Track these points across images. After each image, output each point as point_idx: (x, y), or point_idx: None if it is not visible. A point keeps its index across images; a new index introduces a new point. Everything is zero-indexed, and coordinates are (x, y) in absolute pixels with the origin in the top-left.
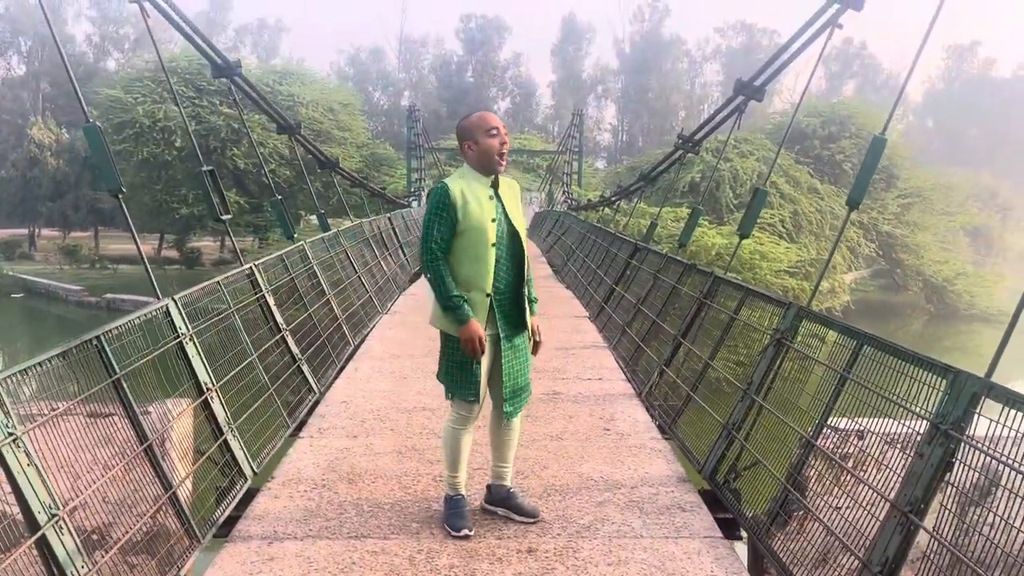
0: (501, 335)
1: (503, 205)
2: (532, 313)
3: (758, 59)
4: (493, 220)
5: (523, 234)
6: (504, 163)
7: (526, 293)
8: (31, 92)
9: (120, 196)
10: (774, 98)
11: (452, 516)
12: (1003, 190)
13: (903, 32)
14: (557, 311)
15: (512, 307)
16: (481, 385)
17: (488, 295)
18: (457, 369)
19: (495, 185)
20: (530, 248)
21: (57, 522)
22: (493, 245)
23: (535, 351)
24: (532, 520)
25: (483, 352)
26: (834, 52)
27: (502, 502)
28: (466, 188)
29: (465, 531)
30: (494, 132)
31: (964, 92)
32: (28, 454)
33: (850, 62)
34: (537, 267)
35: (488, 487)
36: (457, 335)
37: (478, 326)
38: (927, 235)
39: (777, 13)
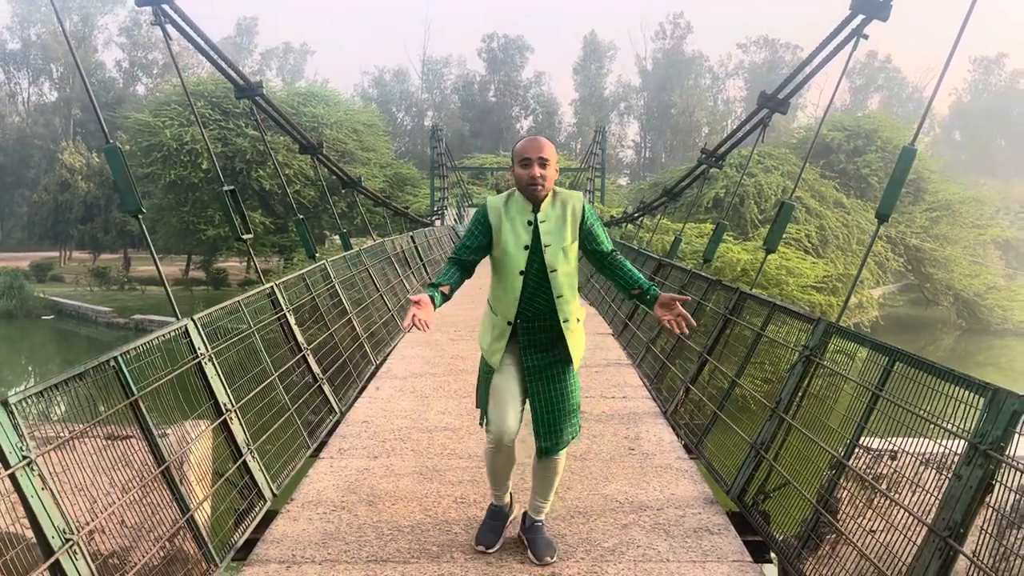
0: (526, 365)
1: (538, 228)
2: (654, 295)
3: (781, 74)
4: (526, 248)
5: (554, 258)
6: (541, 189)
7: (562, 319)
8: (63, 118)
9: (140, 216)
10: (798, 113)
11: (482, 526)
12: None
13: (928, 44)
14: None
15: (545, 336)
16: (496, 411)
17: (510, 323)
18: (478, 391)
19: (537, 210)
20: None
21: (72, 547)
22: (522, 273)
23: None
24: (537, 563)
25: (414, 319)
26: (858, 66)
27: (524, 531)
28: (505, 211)
29: (481, 547)
30: (526, 162)
31: (991, 104)
32: (43, 477)
33: (875, 76)
34: None
35: (523, 514)
36: (483, 355)
37: (423, 303)
38: (957, 248)
39: (799, 26)
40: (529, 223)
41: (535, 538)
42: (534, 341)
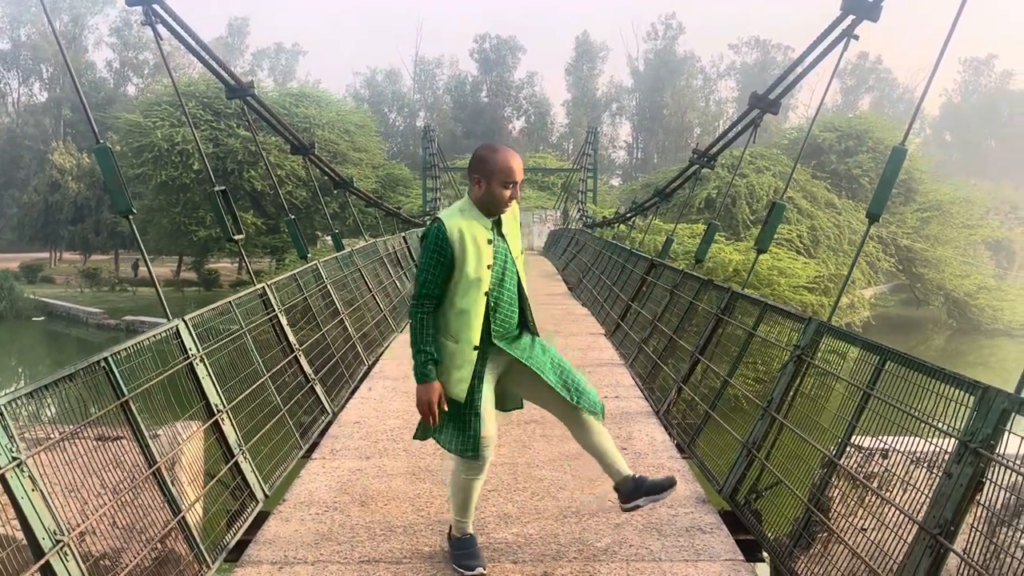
0: (519, 361)
1: (504, 243)
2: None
3: (772, 75)
4: (489, 267)
5: (521, 265)
6: (509, 206)
7: (530, 319)
8: (53, 118)
9: (130, 217)
10: (789, 113)
11: (464, 556)
12: (1023, 202)
13: (918, 45)
14: (573, 328)
15: (516, 342)
16: (482, 437)
17: (476, 348)
18: (451, 423)
19: (494, 226)
20: (544, 266)
21: (62, 548)
22: (487, 293)
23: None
24: (672, 486)
25: (436, 419)
26: (849, 67)
27: (637, 493)
28: (465, 228)
29: (479, 569)
30: (511, 184)
31: (982, 105)
32: (33, 479)
33: (865, 76)
34: (553, 285)
35: (615, 488)
36: (454, 397)
37: (437, 390)
38: (947, 249)
39: (791, 27)
40: (490, 241)
41: (653, 483)
42: (510, 341)
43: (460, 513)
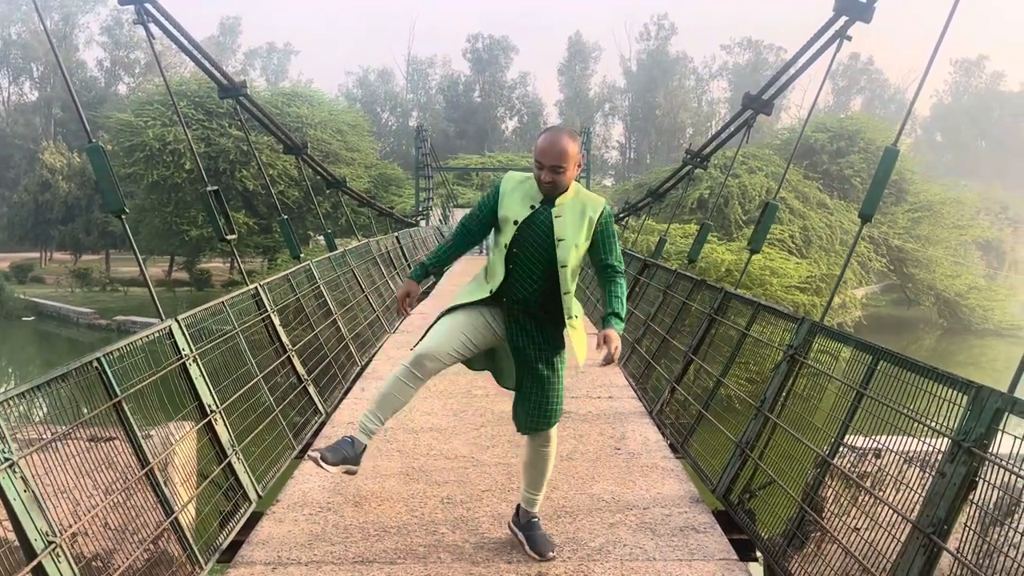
0: (512, 345)
1: (547, 220)
2: (606, 323)
3: (765, 75)
4: (516, 223)
5: (567, 253)
6: (551, 191)
7: (565, 311)
8: (43, 117)
9: (123, 216)
10: (781, 114)
11: (338, 444)
12: (1014, 203)
13: (910, 46)
14: None
15: (534, 321)
16: (442, 334)
17: (492, 292)
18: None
19: (546, 201)
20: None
21: (55, 549)
22: (507, 246)
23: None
24: (538, 559)
25: (403, 309)
26: (841, 67)
27: (521, 528)
28: (519, 188)
29: (326, 464)
30: (538, 165)
31: (972, 106)
32: (25, 480)
33: (857, 77)
34: None
35: (516, 507)
36: (453, 305)
37: (410, 287)
38: (938, 249)
39: (783, 27)
40: (532, 206)
41: (533, 535)
42: (521, 323)
43: (375, 402)
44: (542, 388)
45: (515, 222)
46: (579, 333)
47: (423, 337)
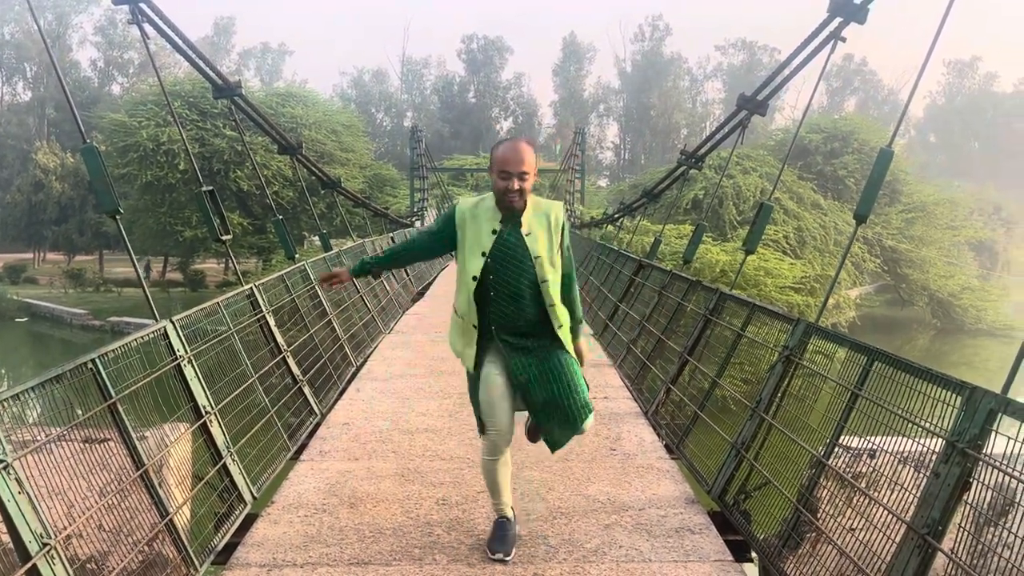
0: (515, 370)
1: (518, 240)
2: (573, 337)
3: (759, 76)
4: (484, 254)
5: (545, 268)
6: (516, 203)
7: (556, 326)
8: (36, 117)
9: (117, 217)
10: (775, 115)
11: (491, 540)
12: (1007, 203)
13: (903, 47)
14: None
15: (526, 339)
16: (492, 414)
17: (475, 327)
18: (472, 400)
19: (506, 221)
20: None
21: (49, 551)
22: (474, 279)
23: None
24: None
25: (324, 286)
26: (835, 69)
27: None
28: (473, 213)
29: (499, 555)
30: (505, 175)
31: (966, 107)
32: (19, 481)
33: (851, 78)
34: None
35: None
36: (467, 368)
37: (339, 273)
38: (932, 250)
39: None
40: (493, 232)
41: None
42: (519, 347)
43: (491, 495)
44: (561, 393)
45: (483, 253)
46: (566, 333)
47: (479, 416)
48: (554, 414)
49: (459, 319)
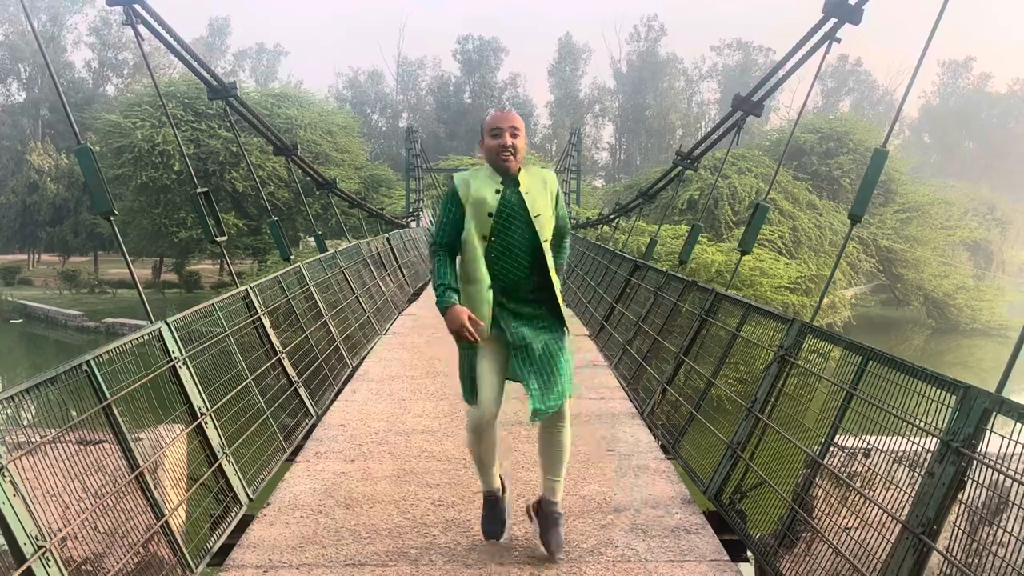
0: (516, 337)
1: (519, 199)
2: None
3: (754, 77)
4: (490, 215)
5: (545, 226)
6: (511, 161)
7: (555, 286)
8: (31, 118)
9: (112, 218)
10: (771, 115)
11: (483, 520)
12: (1001, 203)
13: (897, 47)
14: None
15: (526, 304)
16: (482, 386)
17: (490, 287)
18: (462, 369)
19: (506, 182)
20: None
21: (44, 554)
22: (484, 238)
23: None
24: (545, 553)
25: (473, 337)
26: (830, 69)
27: (541, 519)
28: (473, 181)
29: (492, 540)
30: (496, 132)
31: (960, 107)
32: (14, 483)
33: (846, 79)
34: None
35: (539, 499)
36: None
37: (460, 311)
38: (927, 250)
39: (773, 29)
40: (496, 192)
41: (549, 533)
42: (513, 310)
43: (476, 468)
44: (552, 362)
45: (489, 213)
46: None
47: (465, 387)
48: (543, 374)
49: (468, 287)
